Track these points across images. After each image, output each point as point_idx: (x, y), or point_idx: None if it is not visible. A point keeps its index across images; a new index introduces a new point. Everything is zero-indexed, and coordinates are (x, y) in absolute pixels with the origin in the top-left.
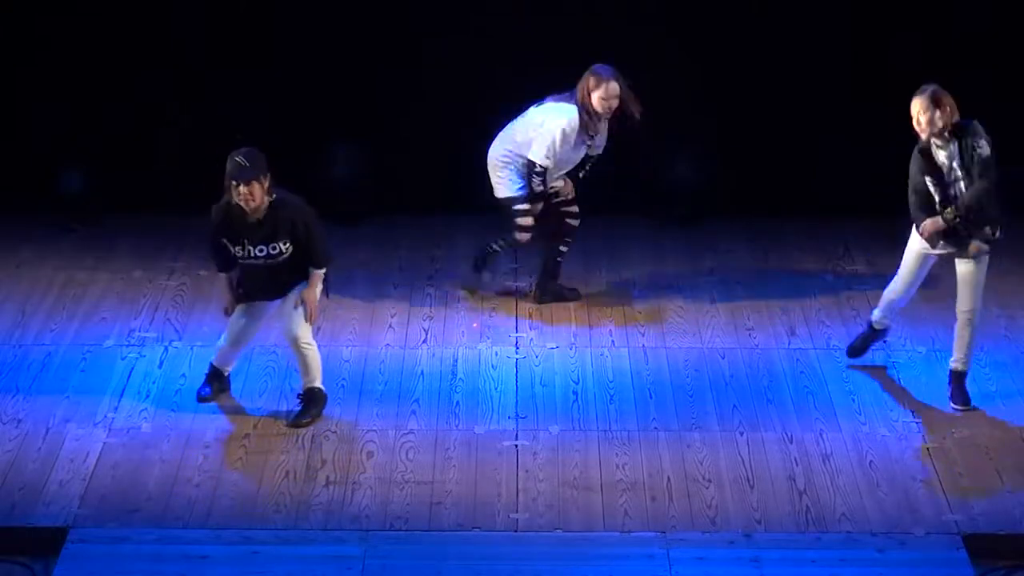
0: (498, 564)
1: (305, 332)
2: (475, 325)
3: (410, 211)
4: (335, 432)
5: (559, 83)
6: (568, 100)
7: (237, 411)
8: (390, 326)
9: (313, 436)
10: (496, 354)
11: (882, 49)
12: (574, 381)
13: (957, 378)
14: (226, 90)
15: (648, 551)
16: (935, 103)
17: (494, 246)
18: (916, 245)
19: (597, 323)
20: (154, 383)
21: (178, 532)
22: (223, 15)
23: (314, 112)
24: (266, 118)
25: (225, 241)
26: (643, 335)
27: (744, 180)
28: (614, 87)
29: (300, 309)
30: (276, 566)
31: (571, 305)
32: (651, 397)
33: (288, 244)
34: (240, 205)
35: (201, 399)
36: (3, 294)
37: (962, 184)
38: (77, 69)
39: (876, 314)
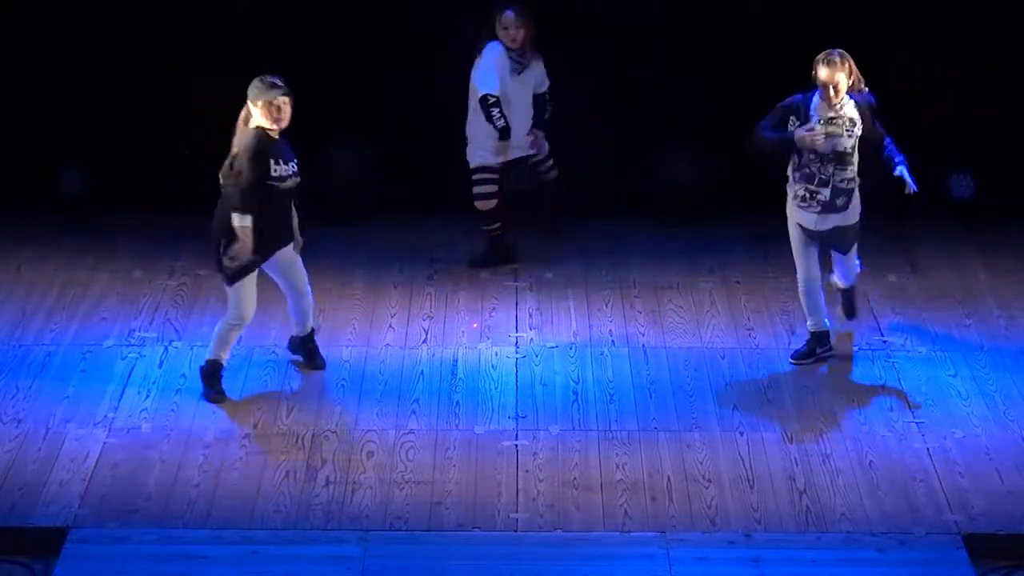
0: (498, 564)
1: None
2: (475, 325)
3: (410, 211)
4: (335, 432)
5: (560, 83)
6: None
7: (237, 411)
8: (390, 326)
9: (313, 436)
10: (496, 354)
11: (882, 49)
12: (574, 381)
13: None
14: (226, 90)
15: (648, 551)
16: (851, 69)
17: (486, 233)
18: (796, 232)
19: (597, 323)
20: (154, 383)
21: (178, 532)
22: (223, 15)
23: (314, 112)
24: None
25: (271, 162)
26: (643, 335)
27: (745, 180)
28: (506, 16)
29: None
30: (276, 566)
31: (571, 305)
32: (651, 397)
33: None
34: (266, 125)
35: (213, 399)
36: (3, 294)
37: (828, 142)
38: (77, 69)
39: (808, 322)
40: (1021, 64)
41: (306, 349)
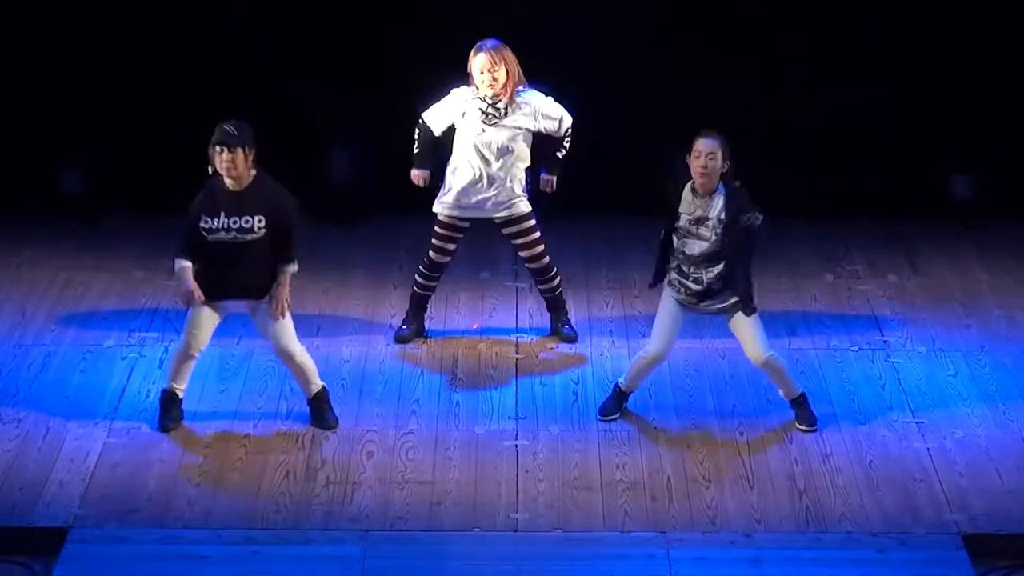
0: (498, 564)
1: (296, 344)
2: (475, 325)
3: (410, 211)
4: (335, 432)
5: (560, 84)
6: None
7: (237, 411)
8: (390, 326)
9: (313, 436)
10: (496, 354)
11: (883, 49)
12: (574, 381)
13: (797, 403)
14: (226, 90)
15: (648, 551)
16: (725, 154)
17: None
18: (670, 304)
19: (597, 323)
20: (154, 383)
21: (178, 532)
22: (223, 16)
23: (314, 112)
24: (267, 118)
25: (202, 213)
26: (643, 335)
27: (744, 180)
28: (479, 58)
29: (282, 321)
30: (276, 566)
31: (571, 305)
32: (651, 397)
33: (262, 223)
34: (221, 175)
35: (166, 430)
36: (3, 294)
37: (696, 245)
38: (77, 69)
39: (623, 378)
40: (1021, 64)
41: (313, 409)
